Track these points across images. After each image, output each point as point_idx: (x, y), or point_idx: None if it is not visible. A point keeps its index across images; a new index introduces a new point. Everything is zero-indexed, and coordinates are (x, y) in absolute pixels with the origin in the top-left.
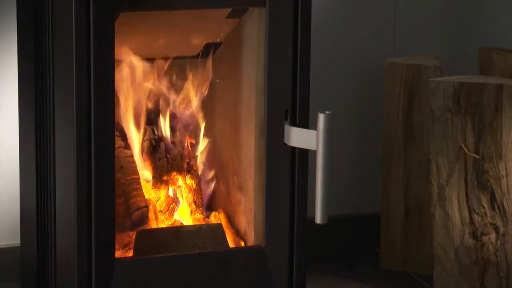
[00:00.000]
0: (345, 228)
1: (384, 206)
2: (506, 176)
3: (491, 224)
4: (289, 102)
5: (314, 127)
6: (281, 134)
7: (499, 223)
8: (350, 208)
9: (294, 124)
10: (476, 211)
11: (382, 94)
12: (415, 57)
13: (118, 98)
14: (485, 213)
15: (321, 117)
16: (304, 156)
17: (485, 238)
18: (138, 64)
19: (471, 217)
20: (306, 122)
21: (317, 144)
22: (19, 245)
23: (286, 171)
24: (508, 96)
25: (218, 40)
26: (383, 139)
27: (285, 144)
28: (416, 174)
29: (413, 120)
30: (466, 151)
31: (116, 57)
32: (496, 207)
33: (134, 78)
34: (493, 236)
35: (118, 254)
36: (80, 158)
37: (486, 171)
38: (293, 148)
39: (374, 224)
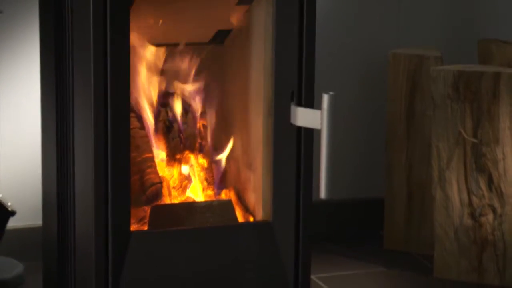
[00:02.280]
0: (350, 211)
1: (388, 190)
2: (503, 159)
3: (488, 205)
4: (295, 84)
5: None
6: (287, 114)
7: (496, 204)
8: (355, 192)
9: (300, 105)
10: (475, 193)
11: (386, 83)
12: (417, 48)
13: (133, 82)
14: (483, 195)
15: (325, 98)
16: (309, 135)
17: (483, 219)
18: (152, 49)
19: (470, 199)
20: (311, 103)
21: (321, 123)
22: (41, 225)
23: (292, 150)
24: (505, 84)
25: (229, 27)
26: (387, 126)
27: (292, 124)
28: (418, 159)
29: (415, 108)
30: (465, 136)
31: (131, 42)
32: (493, 189)
33: (148, 62)
34: (490, 216)
35: (133, 227)
36: (97, 138)
37: (484, 155)
38: (299, 128)
39: (378, 208)
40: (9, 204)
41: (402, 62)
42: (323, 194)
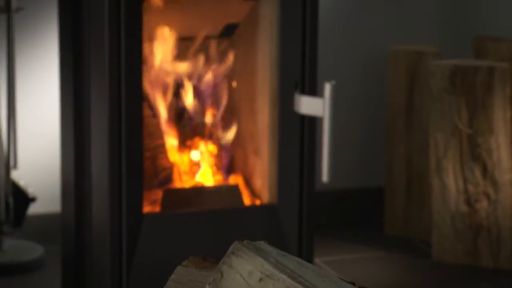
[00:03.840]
0: (352, 199)
1: (388, 179)
2: (497, 149)
3: (483, 192)
4: (299, 74)
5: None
6: (292, 102)
7: (491, 191)
8: (357, 181)
9: (303, 93)
10: (470, 181)
11: (386, 78)
12: (416, 45)
13: (146, 73)
14: (478, 183)
15: (327, 86)
16: (312, 123)
17: (478, 205)
18: (164, 41)
19: (465, 187)
20: (314, 92)
21: (323, 111)
22: (60, 210)
23: (296, 136)
24: (499, 78)
25: (237, 21)
26: (387, 119)
27: (296, 112)
28: (416, 150)
29: (414, 101)
30: (461, 127)
31: (144, 34)
32: (488, 177)
33: (160, 54)
34: (485, 203)
35: (146, 209)
36: (112, 127)
37: (479, 145)
38: (303, 117)
39: (379, 196)
40: (29, 191)
41: (402, 58)
42: (325, 177)
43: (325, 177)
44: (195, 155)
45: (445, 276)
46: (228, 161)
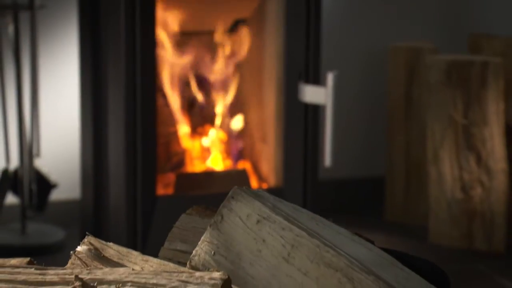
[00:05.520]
0: (354, 188)
1: (388, 168)
2: (491, 139)
3: (477, 180)
4: (303, 65)
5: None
6: (296, 92)
7: (485, 179)
8: (359, 170)
9: (307, 83)
10: (465, 169)
11: (386, 72)
12: (414, 41)
13: (160, 64)
14: (473, 171)
15: (330, 76)
16: (316, 111)
17: (472, 192)
18: (176, 35)
19: (461, 174)
20: (317, 82)
21: (326, 99)
22: (80, 196)
23: (301, 124)
24: (492, 72)
25: (245, 16)
26: (387, 111)
27: (300, 100)
28: (415, 140)
29: (413, 94)
30: (457, 118)
31: (158, 30)
32: (482, 165)
33: (173, 47)
34: (479, 190)
35: (160, 192)
36: (128, 116)
37: (473, 135)
38: (307, 105)
39: (380, 185)
40: (51, 178)
41: (401, 53)
42: (327, 161)
43: (327, 161)
44: (206, 141)
45: (442, 258)
46: (237, 148)
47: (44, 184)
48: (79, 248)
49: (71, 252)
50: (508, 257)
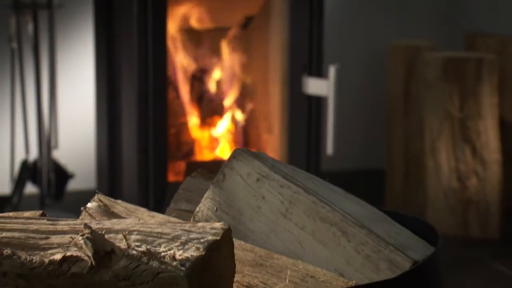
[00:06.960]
0: (355, 180)
1: (388, 160)
2: (485, 132)
3: (473, 170)
4: (307, 58)
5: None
6: (300, 84)
7: (480, 169)
8: (360, 163)
9: (310, 76)
10: (461, 160)
11: (387, 69)
12: (413, 40)
13: (170, 59)
14: (468, 162)
15: (332, 69)
16: (319, 103)
17: (468, 182)
18: (187, 32)
19: (457, 165)
20: (320, 75)
21: (328, 91)
22: (95, 186)
23: (304, 115)
24: (487, 68)
25: (253, 13)
26: (387, 105)
27: (304, 92)
28: (414, 133)
29: (411, 90)
30: (453, 112)
31: (169, 25)
32: (477, 156)
33: (184, 43)
34: (474, 180)
35: (171, 179)
36: (140, 109)
37: (469, 128)
38: (310, 97)
39: (380, 176)
40: (68, 168)
41: (400, 51)
42: (329, 150)
43: (329, 149)
44: (215, 132)
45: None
46: (244, 138)
47: (61, 175)
48: (89, 205)
49: (82, 207)
50: (502, 243)
